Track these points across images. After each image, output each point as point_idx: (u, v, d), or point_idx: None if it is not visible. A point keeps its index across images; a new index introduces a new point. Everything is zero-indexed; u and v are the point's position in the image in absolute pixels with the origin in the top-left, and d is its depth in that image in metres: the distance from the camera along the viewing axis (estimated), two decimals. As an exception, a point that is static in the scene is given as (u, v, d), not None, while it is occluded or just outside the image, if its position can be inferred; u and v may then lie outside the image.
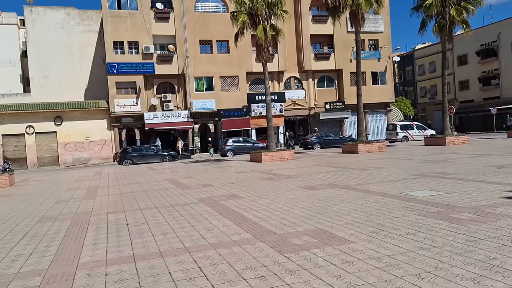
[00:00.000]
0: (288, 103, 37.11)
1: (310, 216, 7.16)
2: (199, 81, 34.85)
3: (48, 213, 9.60)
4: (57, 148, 33.04)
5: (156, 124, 33.21)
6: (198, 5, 35.13)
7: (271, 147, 22.25)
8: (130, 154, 28.40)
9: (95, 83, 37.68)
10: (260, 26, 21.76)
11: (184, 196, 10.84)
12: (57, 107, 33.06)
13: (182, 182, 14.50)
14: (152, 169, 22.00)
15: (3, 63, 38.69)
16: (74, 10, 39.00)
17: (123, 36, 32.99)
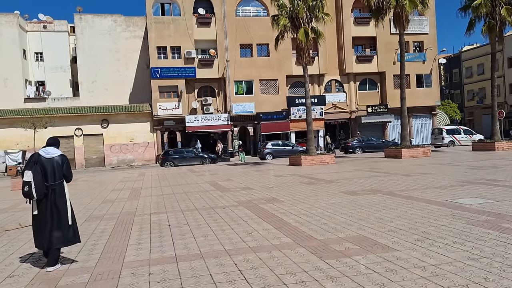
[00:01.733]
0: (329, 106, 36.70)
1: (351, 222, 7.03)
2: (239, 84, 35.19)
3: (95, 213, 9.99)
4: (103, 150, 34.36)
5: (196, 127, 33.82)
6: (239, 9, 35.52)
7: (311, 151, 22.05)
8: (171, 156, 29.09)
9: (139, 87, 38.95)
10: (301, 29, 21.67)
11: (223, 199, 10.95)
12: (103, 111, 34.40)
13: (222, 184, 14.65)
14: (193, 171, 22.40)
15: (55, 69, 40.82)
16: (120, 17, 40.52)
17: (166, 42, 33.89)
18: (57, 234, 5.33)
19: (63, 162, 5.48)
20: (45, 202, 5.32)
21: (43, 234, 5.34)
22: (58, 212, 5.35)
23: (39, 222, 5.37)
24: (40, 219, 5.35)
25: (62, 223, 5.38)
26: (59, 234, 5.34)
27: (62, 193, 5.43)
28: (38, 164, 5.31)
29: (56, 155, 5.47)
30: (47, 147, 5.54)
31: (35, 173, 5.20)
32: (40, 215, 5.34)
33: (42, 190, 5.21)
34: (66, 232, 5.40)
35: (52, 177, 5.34)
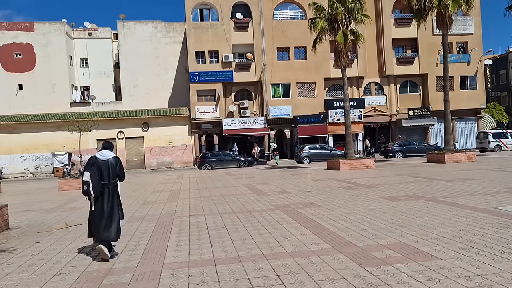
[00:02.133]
0: (368, 109, 36.01)
1: (392, 229, 6.86)
2: (275, 87, 35.21)
3: (136, 214, 10.27)
4: (144, 152, 35.33)
5: (233, 130, 34.11)
6: (276, 13, 35.58)
7: (350, 155, 21.71)
8: (209, 159, 29.49)
9: (178, 91, 39.81)
10: (340, 32, 21.43)
11: (261, 202, 10.97)
12: (144, 114, 35.40)
13: (259, 188, 14.68)
14: (230, 174, 22.60)
15: (99, 74, 42.43)
16: (160, 24, 41.60)
17: (204, 46, 34.46)
18: (108, 228, 6.01)
19: (116, 163, 6.19)
20: (101, 199, 6.04)
21: (98, 227, 6.00)
22: (111, 208, 6.08)
23: (95, 216, 6.04)
24: (96, 214, 6.03)
25: (114, 218, 6.09)
26: (110, 228, 6.02)
27: (116, 191, 6.18)
28: (95, 165, 6.03)
29: (110, 157, 6.19)
30: (102, 150, 6.26)
31: (92, 174, 5.92)
32: (96, 210, 6.02)
33: (98, 189, 5.95)
34: (116, 227, 6.10)
35: (107, 176, 6.06)
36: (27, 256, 6.49)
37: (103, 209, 6.03)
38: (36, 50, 39.06)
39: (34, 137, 33.42)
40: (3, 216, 8.66)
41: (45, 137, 33.43)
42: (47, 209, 12.06)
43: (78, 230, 8.48)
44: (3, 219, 8.65)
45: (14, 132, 33.20)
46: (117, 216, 6.14)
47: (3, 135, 32.95)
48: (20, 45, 38.91)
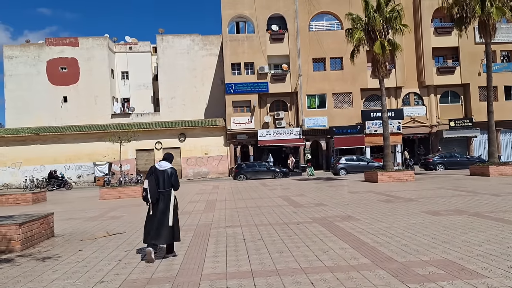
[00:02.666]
0: (407, 120, 35.12)
1: (435, 245, 6.61)
2: (311, 98, 35.04)
3: (174, 223, 10.41)
4: (181, 162, 35.92)
5: (268, 141, 34.14)
6: (312, 24, 35.58)
7: (388, 167, 21.18)
8: (244, 169, 29.59)
9: (214, 102, 40.46)
10: (378, 42, 21.12)
11: (297, 215, 10.87)
12: (181, 125, 36.09)
13: (295, 199, 14.57)
14: (265, 185, 22.56)
15: (138, 86, 43.82)
16: (198, 37, 42.58)
17: (240, 58, 34.89)
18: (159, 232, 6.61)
19: (171, 174, 6.89)
20: (157, 205, 6.71)
21: (153, 230, 6.64)
22: (163, 214, 6.68)
23: (152, 220, 6.71)
24: (153, 218, 6.69)
25: (165, 224, 6.66)
26: (160, 232, 6.61)
27: (169, 199, 6.78)
28: (153, 174, 6.77)
29: (167, 167, 6.90)
30: (162, 161, 7.02)
31: (151, 182, 6.66)
32: (153, 215, 6.71)
33: (155, 196, 6.64)
34: (167, 231, 6.66)
35: (163, 185, 6.74)
36: (71, 263, 6.71)
37: (156, 215, 6.68)
38: (80, 64, 40.87)
39: (77, 147, 34.75)
40: (49, 224, 9.01)
41: (87, 147, 34.69)
42: (89, 218, 12.46)
43: (118, 239, 8.69)
44: (49, 226, 9.01)
45: (59, 142, 34.66)
46: (169, 221, 6.66)
47: (49, 146, 34.46)
48: (66, 60, 40.83)
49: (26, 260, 7.03)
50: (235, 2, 34.69)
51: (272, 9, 34.91)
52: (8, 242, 7.53)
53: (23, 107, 39.63)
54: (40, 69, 40.57)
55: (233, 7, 34.71)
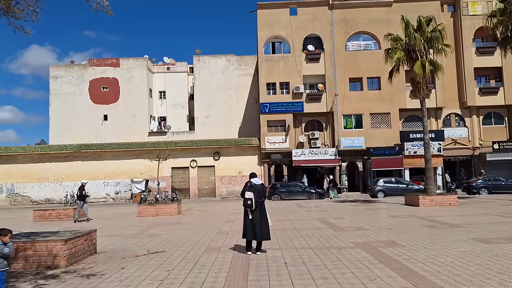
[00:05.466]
0: (448, 142, 33.96)
1: (490, 276, 6.20)
2: (347, 118, 34.59)
3: (212, 244, 10.33)
4: (215, 181, 36.08)
5: (303, 161, 33.80)
6: (349, 44, 35.40)
7: (430, 190, 20.40)
8: (278, 189, 29.30)
9: (248, 121, 40.70)
10: (418, 62, 20.66)
11: (338, 239, 10.55)
12: (216, 144, 36.38)
13: (333, 222, 14.20)
14: (300, 206, 22.21)
15: (175, 105, 44.81)
16: (233, 57, 43.29)
17: (275, 78, 35.04)
18: (262, 231, 8.68)
19: (263, 187, 9.10)
20: (256, 211, 8.73)
21: (255, 230, 8.65)
22: (264, 217, 8.80)
23: (253, 223, 8.70)
24: (253, 221, 8.69)
25: (265, 225, 8.77)
26: (262, 231, 8.70)
27: (264, 206, 8.94)
28: (252, 188, 8.81)
29: (259, 183, 9.04)
30: (254, 178, 9.07)
31: (254, 193, 8.74)
32: (253, 219, 8.70)
33: (256, 204, 8.69)
34: (266, 230, 8.80)
35: (258, 196, 8.80)
36: (115, 281, 6.71)
37: (258, 218, 8.71)
38: (120, 83, 42.32)
39: (116, 164, 35.61)
40: (92, 240, 9.13)
41: (125, 165, 35.49)
42: (129, 235, 12.57)
43: (159, 258, 8.68)
44: (92, 243, 9.12)
45: (99, 159, 35.65)
46: (267, 222, 8.83)
47: (89, 162, 35.50)
48: (107, 79, 42.41)
49: (71, 277, 7.10)
50: (271, 24, 35.10)
51: (308, 29, 35.06)
52: (54, 258, 7.65)
53: (66, 125, 41.28)
54: (83, 89, 42.28)
55: (269, 28, 35.12)
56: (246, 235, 8.78)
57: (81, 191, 18.48)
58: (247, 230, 8.72)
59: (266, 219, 8.79)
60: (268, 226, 8.83)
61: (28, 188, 35.40)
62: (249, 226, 8.69)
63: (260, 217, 8.69)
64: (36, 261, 7.67)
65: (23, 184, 35.36)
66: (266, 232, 8.78)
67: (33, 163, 35.48)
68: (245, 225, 8.79)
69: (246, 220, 8.76)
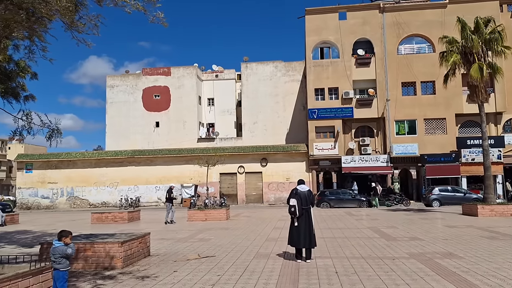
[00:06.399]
0: (509, 149, 31.88)
1: None
2: (400, 124, 33.43)
3: (261, 250, 10.32)
4: (262, 187, 36.14)
5: (353, 168, 33.05)
6: (401, 48, 34.32)
7: (490, 199, 19.24)
8: (327, 197, 28.79)
9: (295, 127, 40.50)
10: (475, 65, 19.60)
11: (391, 249, 10.19)
12: (263, 150, 36.47)
13: (386, 232, 13.74)
14: (350, 214, 21.71)
15: (223, 112, 45.55)
16: (280, 63, 43.38)
17: (324, 83, 34.63)
18: (308, 238, 8.58)
19: (310, 194, 8.96)
20: (302, 218, 8.64)
21: (300, 237, 8.58)
22: (309, 224, 8.66)
23: (299, 230, 8.62)
24: (299, 229, 8.61)
25: (311, 232, 8.66)
26: (309, 238, 8.59)
27: (310, 213, 8.78)
28: (298, 195, 8.71)
29: (305, 190, 8.94)
30: (300, 184, 9.00)
31: (298, 200, 8.62)
32: (299, 226, 8.61)
33: (301, 211, 8.61)
34: (312, 238, 8.66)
35: (305, 203, 8.71)
36: (168, 284, 6.87)
37: (303, 225, 8.60)
38: (171, 91, 43.69)
39: (167, 170, 36.65)
40: (146, 243, 9.42)
41: (175, 170, 36.42)
42: (180, 239, 12.85)
43: (209, 262, 8.78)
44: (145, 246, 9.41)
45: (151, 164, 36.88)
46: (313, 230, 8.73)
47: (142, 167, 36.83)
48: (159, 88, 43.94)
49: (127, 278, 7.36)
50: (319, 29, 34.82)
51: (358, 34, 34.42)
52: (111, 259, 7.97)
53: (121, 131, 43.18)
54: (136, 97, 44.05)
55: (317, 33, 34.84)
56: (292, 242, 8.75)
57: (170, 194, 18.93)
58: (293, 237, 8.68)
59: (312, 227, 8.68)
60: (314, 234, 8.75)
61: (86, 191, 37.26)
62: (295, 233, 8.64)
63: (306, 224, 8.59)
64: (94, 261, 8.02)
65: (81, 187, 37.29)
66: (313, 239, 8.67)
67: (91, 168, 37.32)
68: (291, 232, 8.76)
69: (292, 227, 8.72)
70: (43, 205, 37.17)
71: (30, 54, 6.33)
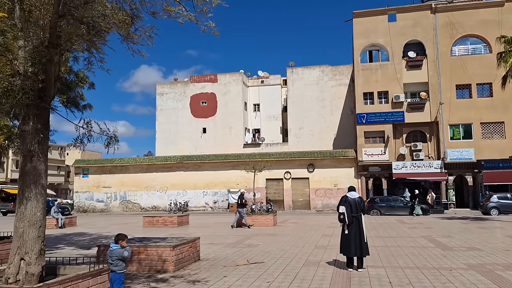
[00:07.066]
0: None
1: None
2: (454, 128, 31.91)
3: (311, 258, 10.16)
4: (309, 193, 35.73)
5: (404, 174, 31.91)
6: (455, 49, 32.85)
7: (556, 209, 17.88)
8: (377, 204, 27.94)
9: (343, 132, 39.77)
10: (538, 64, 18.42)
11: (447, 259, 9.71)
12: (309, 155, 36.08)
13: (441, 241, 13.12)
14: (402, 222, 20.94)
15: (268, 118, 45.67)
16: (327, 68, 42.89)
17: (373, 87, 33.80)
18: (359, 247, 8.32)
19: (360, 201, 8.71)
20: (352, 226, 8.44)
21: (351, 245, 8.35)
22: (360, 232, 8.41)
23: (349, 238, 8.40)
24: (350, 237, 8.40)
25: (362, 240, 8.38)
26: (360, 247, 8.32)
27: (361, 221, 8.53)
28: (347, 202, 8.52)
29: (356, 197, 8.73)
30: (351, 191, 8.80)
31: (347, 208, 8.44)
32: (349, 234, 8.42)
33: (350, 218, 8.42)
34: (364, 246, 8.39)
35: (355, 210, 8.50)
36: (218, 289, 6.91)
37: (354, 233, 8.37)
38: (218, 98, 44.46)
39: (214, 175, 37.21)
40: (196, 248, 9.57)
41: (222, 175, 36.89)
42: (228, 244, 12.95)
43: (258, 268, 8.76)
44: (195, 250, 9.56)
45: (199, 170, 37.60)
46: (364, 238, 8.42)
47: (190, 172, 37.63)
48: (206, 95, 44.86)
49: (179, 282, 7.50)
50: (368, 32, 34.09)
51: (408, 35, 33.35)
52: (163, 262, 8.16)
53: (170, 137, 44.47)
54: (184, 104, 45.23)
55: (366, 36, 34.13)
56: (343, 250, 8.59)
57: (241, 199, 18.99)
58: (344, 245, 8.53)
59: (363, 235, 8.44)
60: (366, 242, 8.50)
61: (137, 196, 38.61)
62: (345, 241, 8.48)
63: (357, 232, 8.38)
64: (147, 264, 8.24)
65: (133, 192, 38.68)
66: (364, 248, 8.42)
67: (142, 173, 38.65)
68: (342, 240, 8.61)
69: (343, 235, 8.58)
70: (98, 208, 38.92)
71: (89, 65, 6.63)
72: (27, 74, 5.47)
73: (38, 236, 5.50)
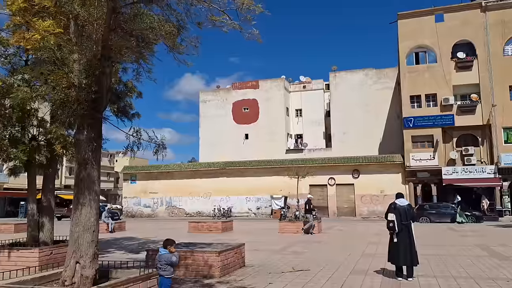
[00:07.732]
0: None
1: None
2: (508, 131, 30.17)
3: (357, 266, 9.92)
4: (354, 200, 34.95)
5: (455, 180, 30.52)
6: (508, 48, 31.16)
7: None
8: (427, 211, 26.89)
9: (389, 137, 38.68)
10: None
11: (504, 269, 9.19)
12: (354, 161, 35.31)
13: (496, 250, 12.43)
14: (454, 230, 20.05)
15: (311, 123, 45.31)
16: (371, 71, 42.03)
17: (420, 90, 32.69)
18: (409, 255, 8.09)
19: (409, 209, 8.56)
20: (401, 234, 8.22)
21: (400, 254, 8.14)
22: (409, 241, 8.19)
23: (398, 246, 8.19)
24: (399, 245, 8.19)
25: (412, 249, 8.16)
26: (410, 256, 8.09)
27: (411, 229, 8.32)
28: (396, 209, 8.33)
29: (405, 204, 8.56)
30: (399, 198, 8.60)
31: (396, 215, 8.24)
32: (398, 242, 8.20)
33: (400, 226, 8.22)
34: (414, 255, 8.16)
35: (405, 218, 8.30)
36: (264, 296, 6.89)
37: (403, 241, 8.16)
38: (260, 104, 44.72)
39: (256, 181, 37.23)
40: (241, 254, 9.62)
41: (265, 181, 36.83)
42: (273, 250, 12.92)
43: (304, 276, 8.67)
44: (240, 256, 9.61)
45: (241, 176, 37.81)
46: (414, 246, 8.19)
47: (233, 178, 37.92)
48: (248, 101, 45.27)
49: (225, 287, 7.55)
50: (414, 33, 33.09)
51: (457, 36, 32.04)
52: (209, 268, 8.26)
53: (213, 144, 45.14)
54: (227, 111, 45.86)
55: (412, 38, 33.13)
56: (392, 259, 8.38)
57: (309, 205, 19.11)
58: (393, 254, 8.31)
59: (413, 243, 8.22)
60: (416, 250, 8.25)
61: (182, 201, 39.42)
62: (394, 249, 8.27)
63: (406, 240, 8.18)
64: (194, 269, 8.38)
65: (178, 197, 39.53)
66: (414, 256, 8.19)
67: (186, 178, 39.42)
68: (391, 248, 8.40)
69: (392, 243, 8.37)
70: (145, 214, 40.10)
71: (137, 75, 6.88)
72: (81, 86, 5.76)
73: (92, 240, 5.73)
